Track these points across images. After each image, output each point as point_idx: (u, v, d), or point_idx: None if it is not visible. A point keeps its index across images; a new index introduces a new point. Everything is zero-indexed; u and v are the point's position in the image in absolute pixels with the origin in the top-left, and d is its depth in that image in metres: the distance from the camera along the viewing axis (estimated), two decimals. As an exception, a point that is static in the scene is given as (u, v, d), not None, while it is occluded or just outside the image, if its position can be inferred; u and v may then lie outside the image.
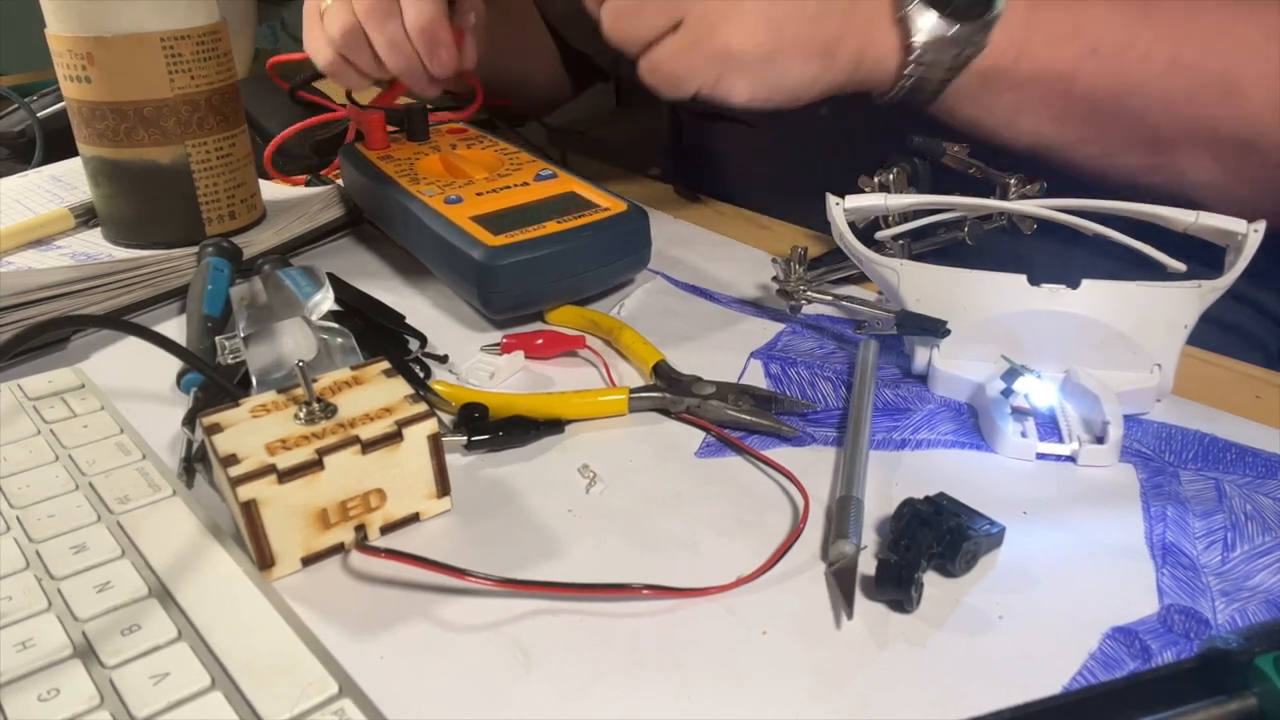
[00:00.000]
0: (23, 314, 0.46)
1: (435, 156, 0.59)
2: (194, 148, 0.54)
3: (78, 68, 0.51)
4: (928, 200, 0.46)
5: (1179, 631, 0.30)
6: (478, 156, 0.60)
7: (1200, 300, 0.41)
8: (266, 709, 0.26)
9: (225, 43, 0.54)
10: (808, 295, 0.49)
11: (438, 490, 0.35)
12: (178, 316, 0.51)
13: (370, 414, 0.33)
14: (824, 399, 0.43)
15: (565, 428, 0.41)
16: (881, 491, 0.37)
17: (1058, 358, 0.42)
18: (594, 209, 0.51)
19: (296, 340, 0.40)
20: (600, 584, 0.31)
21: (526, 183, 0.55)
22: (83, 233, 0.58)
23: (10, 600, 0.30)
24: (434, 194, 0.53)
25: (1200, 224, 0.41)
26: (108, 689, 0.27)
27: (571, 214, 0.51)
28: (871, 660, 0.29)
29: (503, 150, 0.61)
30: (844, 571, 0.32)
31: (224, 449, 0.31)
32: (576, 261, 0.49)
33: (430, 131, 0.63)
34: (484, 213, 0.51)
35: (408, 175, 0.56)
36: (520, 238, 0.48)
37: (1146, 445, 0.40)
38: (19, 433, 0.38)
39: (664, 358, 0.44)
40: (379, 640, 0.30)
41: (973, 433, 0.41)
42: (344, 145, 0.62)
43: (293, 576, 0.32)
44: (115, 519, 0.34)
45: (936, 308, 0.43)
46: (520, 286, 0.48)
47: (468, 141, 0.62)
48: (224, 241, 0.52)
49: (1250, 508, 0.36)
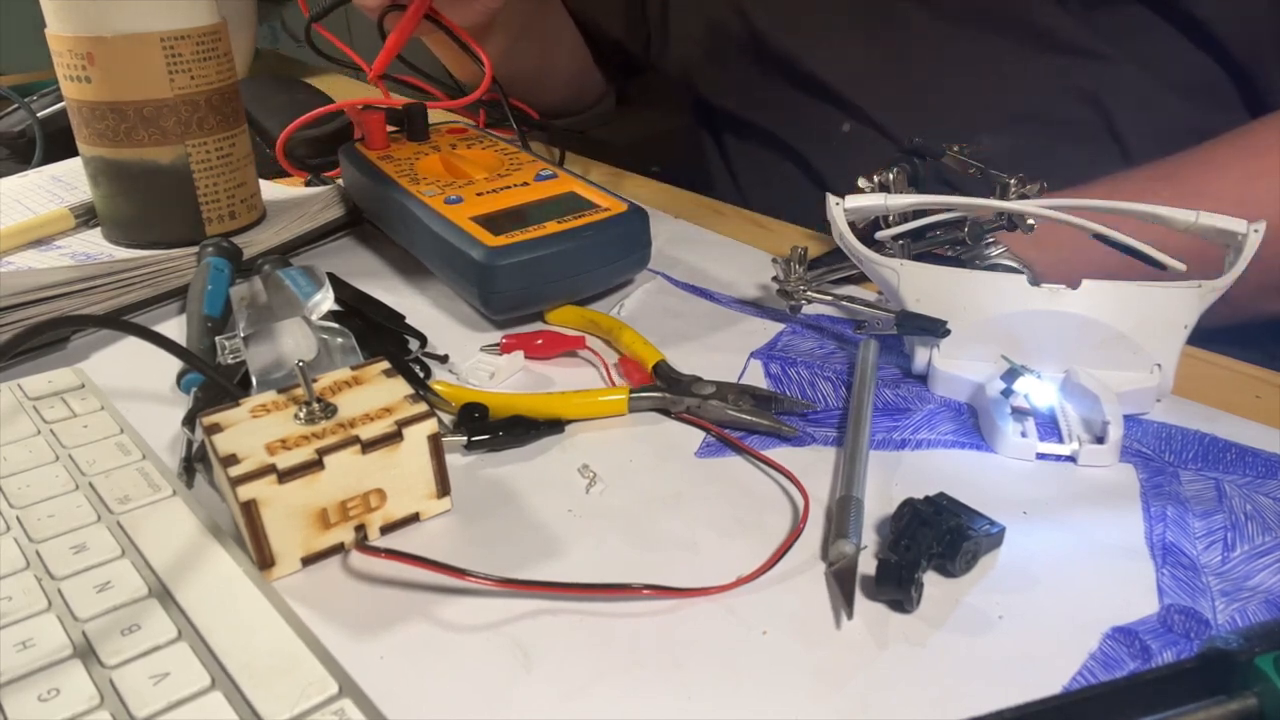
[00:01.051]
0: (23, 314, 0.46)
1: (435, 156, 0.59)
2: (194, 148, 0.54)
3: (78, 68, 0.51)
4: (928, 200, 0.46)
5: (1179, 631, 0.30)
6: (478, 156, 0.60)
7: (1200, 300, 0.41)
8: (266, 709, 0.26)
9: (225, 43, 0.54)
10: (808, 295, 0.49)
11: (438, 490, 0.35)
12: (178, 316, 0.51)
13: (370, 414, 0.33)
14: (824, 399, 0.43)
15: (565, 428, 0.41)
16: (881, 491, 0.37)
17: (1058, 358, 0.42)
18: (594, 209, 0.51)
19: (296, 340, 0.40)
20: (600, 584, 0.31)
21: (526, 183, 0.55)
22: (83, 233, 0.58)
23: (10, 600, 0.30)
24: (434, 194, 0.52)
25: (1200, 224, 0.41)
26: (108, 689, 0.27)
27: (571, 214, 0.51)
28: (871, 660, 0.29)
29: (503, 150, 0.61)
30: (844, 571, 0.32)
31: (224, 449, 0.31)
32: (576, 262, 0.49)
33: (430, 131, 0.63)
34: (484, 213, 0.51)
35: (408, 175, 0.56)
36: (520, 238, 0.48)
37: (1146, 445, 0.40)
38: (19, 433, 0.38)
39: (664, 358, 0.44)
40: (379, 640, 0.30)
41: (973, 433, 0.41)
42: (343, 145, 0.62)
43: (293, 576, 0.32)
44: (115, 519, 0.34)
45: (936, 308, 0.43)
46: (520, 286, 0.48)
47: (468, 141, 0.62)
48: (224, 241, 0.52)
49: (1250, 508, 0.36)
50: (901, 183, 0.52)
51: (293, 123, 0.64)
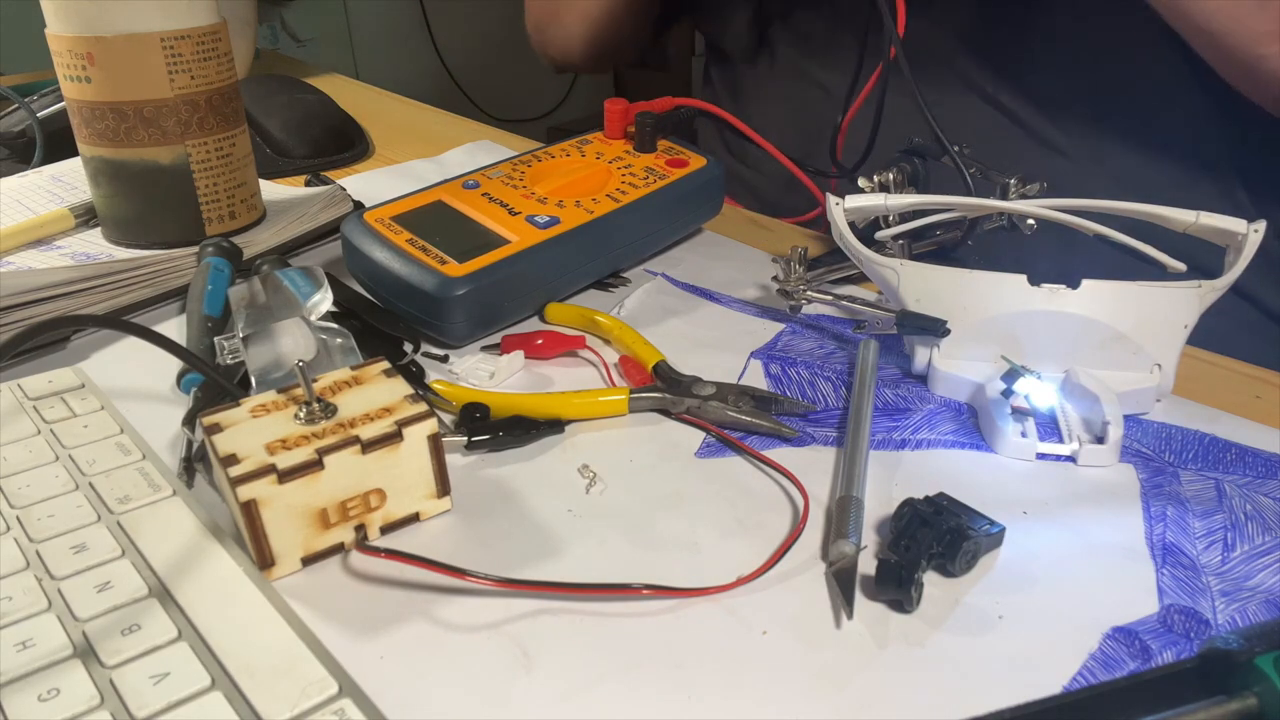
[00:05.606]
0: (23, 314, 0.46)
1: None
2: (194, 148, 0.54)
3: (78, 68, 0.51)
4: (928, 200, 0.46)
5: (1179, 631, 0.30)
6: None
7: (1200, 300, 0.41)
8: (266, 709, 0.26)
9: (225, 43, 0.54)
10: (808, 295, 0.49)
11: (438, 490, 0.35)
12: (178, 316, 0.51)
13: (370, 414, 0.33)
14: (824, 399, 0.43)
15: (565, 428, 0.41)
16: (881, 491, 0.37)
17: (1058, 358, 0.42)
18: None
19: (296, 340, 0.40)
20: (600, 584, 0.31)
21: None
22: (83, 233, 0.58)
23: (10, 600, 0.30)
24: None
25: (1200, 224, 0.41)
26: (108, 689, 0.27)
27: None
28: (871, 660, 0.29)
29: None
30: (844, 571, 0.32)
31: (224, 449, 0.31)
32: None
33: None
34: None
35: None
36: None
37: (1146, 445, 0.40)
38: (19, 433, 0.38)
39: (664, 358, 0.44)
40: (379, 640, 0.30)
41: (973, 433, 0.41)
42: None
43: (293, 576, 0.32)
44: (115, 519, 0.34)
45: (936, 308, 0.43)
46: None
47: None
48: (224, 241, 0.52)
49: (1250, 508, 0.36)
50: (901, 183, 0.52)
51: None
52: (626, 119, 0.60)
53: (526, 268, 0.48)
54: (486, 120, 1.03)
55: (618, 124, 0.60)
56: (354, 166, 0.78)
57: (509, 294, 0.48)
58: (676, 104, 0.61)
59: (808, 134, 0.69)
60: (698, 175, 0.57)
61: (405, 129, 0.90)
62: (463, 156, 0.78)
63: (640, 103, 0.60)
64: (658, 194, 0.55)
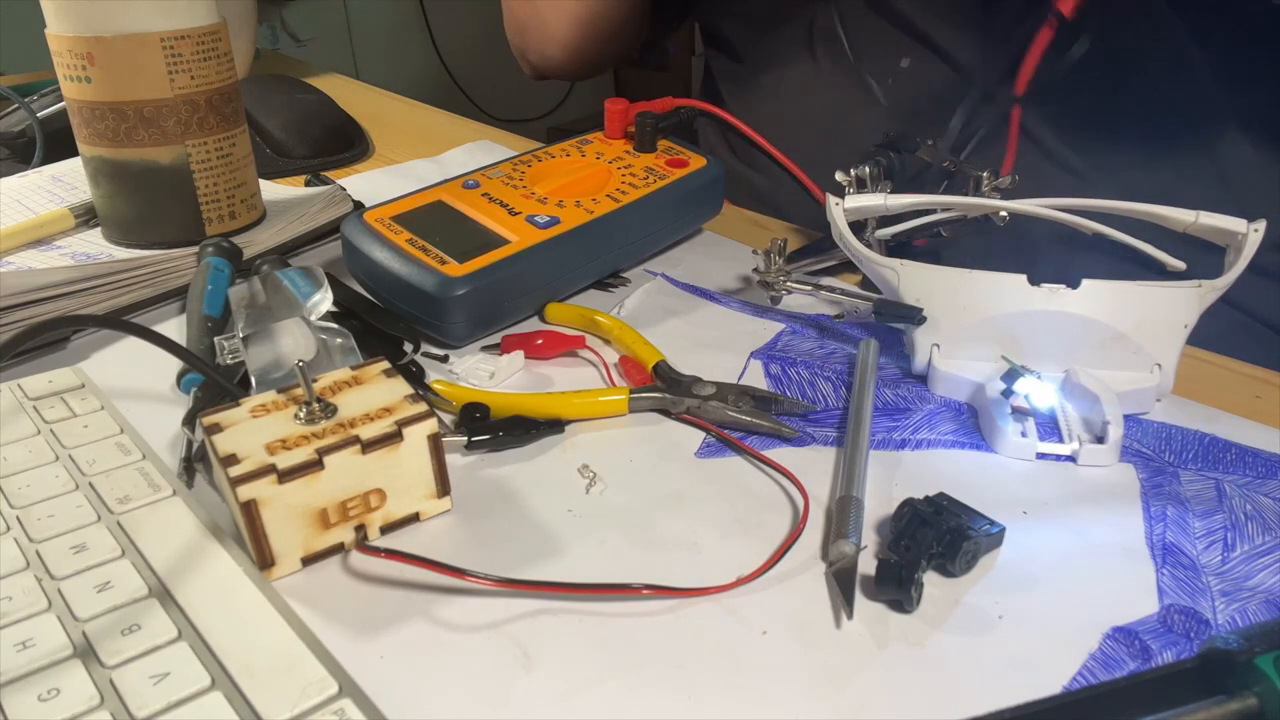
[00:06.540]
0: (23, 314, 0.46)
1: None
2: (194, 148, 0.54)
3: (78, 68, 0.51)
4: (928, 200, 0.47)
5: (1179, 631, 0.30)
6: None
7: (1200, 300, 0.41)
8: (266, 709, 0.26)
9: (225, 43, 0.54)
10: (787, 285, 0.49)
11: (438, 490, 0.35)
12: (178, 316, 0.51)
13: (370, 414, 0.33)
14: (824, 399, 0.43)
15: (565, 428, 0.41)
16: (881, 491, 0.37)
17: (1058, 358, 0.42)
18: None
19: (296, 340, 0.40)
20: (600, 584, 0.31)
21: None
22: (83, 233, 0.58)
23: (10, 600, 0.30)
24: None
25: (1200, 224, 0.41)
26: (108, 689, 0.27)
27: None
28: (871, 660, 0.29)
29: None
30: (844, 571, 0.32)
31: (224, 449, 0.31)
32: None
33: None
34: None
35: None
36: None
37: (1146, 445, 0.40)
38: (19, 433, 0.38)
39: (664, 358, 0.44)
40: (379, 640, 0.30)
41: (973, 433, 0.41)
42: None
43: (293, 576, 0.32)
44: (115, 519, 0.34)
45: (937, 308, 0.43)
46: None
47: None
48: (224, 241, 0.52)
49: (1250, 508, 0.36)
50: (878, 176, 0.52)
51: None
52: (627, 119, 0.60)
53: (526, 268, 0.48)
54: (486, 120, 1.03)
55: (618, 124, 0.60)
56: (354, 166, 0.78)
57: (509, 294, 0.48)
58: (677, 104, 0.61)
59: (808, 134, 0.68)
60: (698, 175, 0.57)
61: (405, 129, 0.90)
62: (463, 156, 0.78)
63: (640, 103, 0.60)
64: (658, 194, 0.55)
